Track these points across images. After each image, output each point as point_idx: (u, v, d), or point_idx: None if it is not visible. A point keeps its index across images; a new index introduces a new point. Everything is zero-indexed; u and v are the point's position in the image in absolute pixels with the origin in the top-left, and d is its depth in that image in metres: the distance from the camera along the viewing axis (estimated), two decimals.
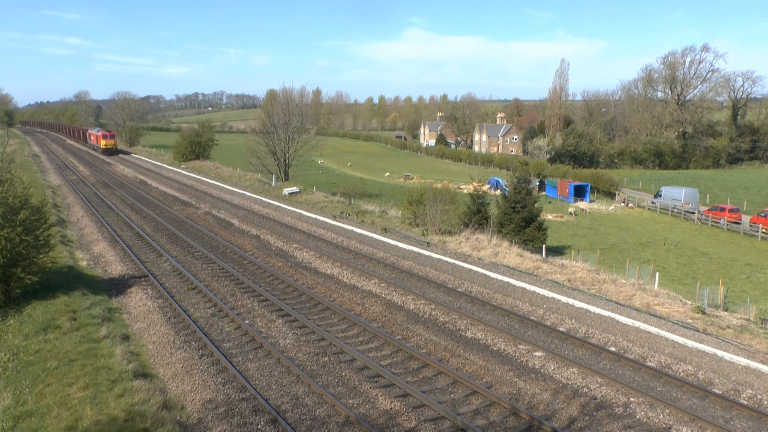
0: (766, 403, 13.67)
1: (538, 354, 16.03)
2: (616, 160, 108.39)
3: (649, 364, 15.55)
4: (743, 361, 15.69)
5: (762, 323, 20.34)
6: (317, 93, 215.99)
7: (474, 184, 40.26)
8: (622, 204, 65.78)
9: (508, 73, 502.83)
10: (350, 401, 13.42)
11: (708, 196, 68.27)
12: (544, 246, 33.02)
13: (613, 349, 16.51)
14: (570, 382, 14.43)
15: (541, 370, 15.12)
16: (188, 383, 14.27)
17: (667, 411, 13.02)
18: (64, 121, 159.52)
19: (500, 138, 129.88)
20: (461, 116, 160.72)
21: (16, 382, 14.32)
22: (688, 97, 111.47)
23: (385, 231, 32.25)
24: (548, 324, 18.31)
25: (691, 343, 16.84)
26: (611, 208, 63.62)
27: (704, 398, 13.80)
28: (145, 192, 47.40)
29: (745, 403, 13.56)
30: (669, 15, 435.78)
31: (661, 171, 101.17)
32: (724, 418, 12.93)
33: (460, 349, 16.50)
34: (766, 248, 46.44)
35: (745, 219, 53.63)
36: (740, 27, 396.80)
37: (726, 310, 22.71)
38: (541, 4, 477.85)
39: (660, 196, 62.88)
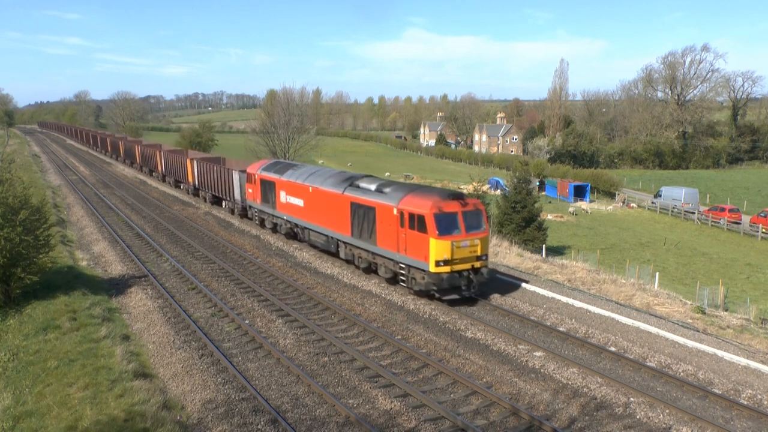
0: (766, 403, 13.66)
1: (538, 354, 16.02)
2: (616, 160, 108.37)
3: (649, 364, 15.54)
4: (743, 361, 15.69)
5: (762, 323, 20.37)
6: (317, 93, 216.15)
7: (474, 184, 40.30)
8: (622, 204, 65.79)
9: (508, 73, 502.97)
10: (350, 401, 13.42)
11: (708, 196, 68.26)
12: (544, 246, 33.05)
13: (613, 349, 16.51)
14: (570, 382, 14.42)
15: (541, 370, 15.11)
16: (188, 383, 14.28)
17: (667, 411, 13.02)
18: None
19: (500, 138, 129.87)
20: (461, 116, 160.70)
21: (16, 382, 14.33)
22: (688, 97, 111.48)
23: None
24: (548, 324, 18.30)
25: (691, 343, 16.84)
26: (610, 207, 63.64)
27: (704, 398, 13.79)
28: (145, 192, 47.39)
29: (745, 403, 13.55)
30: (669, 15, 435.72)
31: (661, 171, 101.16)
32: (724, 418, 12.92)
33: (460, 349, 16.50)
34: (766, 248, 46.44)
35: (745, 219, 53.64)
36: (740, 27, 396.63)
37: (726, 310, 22.74)
38: (541, 4, 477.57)
39: (660, 196, 62.90)
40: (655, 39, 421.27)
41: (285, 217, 28.11)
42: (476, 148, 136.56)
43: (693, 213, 57.74)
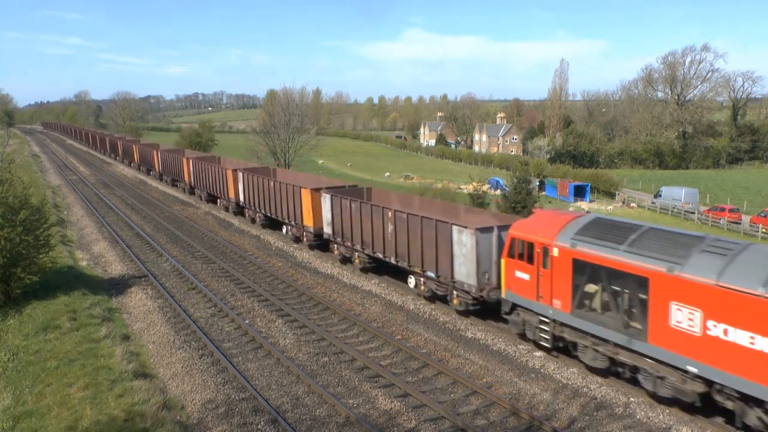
0: None
1: (538, 354, 16.02)
2: (616, 160, 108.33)
3: None
4: None
5: None
6: (317, 93, 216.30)
7: (474, 184, 40.31)
8: (622, 204, 65.81)
9: (508, 73, 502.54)
10: (350, 401, 13.41)
11: (708, 196, 68.22)
12: None
13: None
14: (570, 382, 14.42)
15: (541, 370, 15.11)
16: (188, 383, 14.28)
17: (667, 411, 13.01)
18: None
19: (500, 138, 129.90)
20: (461, 116, 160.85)
21: (16, 382, 14.32)
22: (688, 97, 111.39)
23: None
24: None
25: None
26: (610, 208, 63.66)
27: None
28: (145, 192, 47.39)
29: None
30: (669, 15, 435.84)
31: (661, 171, 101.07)
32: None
33: (460, 348, 16.49)
34: None
35: (745, 219, 53.61)
36: (740, 27, 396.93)
37: None
38: (542, 4, 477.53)
39: (660, 196, 62.90)
40: (655, 39, 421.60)
41: (705, 372, 11.83)
42: (476, 148, 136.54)
43: (693, 213, 57.72)
